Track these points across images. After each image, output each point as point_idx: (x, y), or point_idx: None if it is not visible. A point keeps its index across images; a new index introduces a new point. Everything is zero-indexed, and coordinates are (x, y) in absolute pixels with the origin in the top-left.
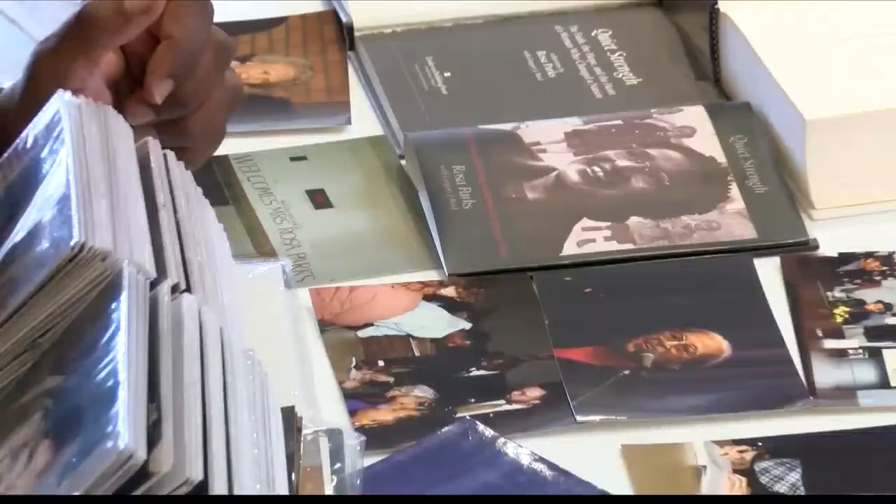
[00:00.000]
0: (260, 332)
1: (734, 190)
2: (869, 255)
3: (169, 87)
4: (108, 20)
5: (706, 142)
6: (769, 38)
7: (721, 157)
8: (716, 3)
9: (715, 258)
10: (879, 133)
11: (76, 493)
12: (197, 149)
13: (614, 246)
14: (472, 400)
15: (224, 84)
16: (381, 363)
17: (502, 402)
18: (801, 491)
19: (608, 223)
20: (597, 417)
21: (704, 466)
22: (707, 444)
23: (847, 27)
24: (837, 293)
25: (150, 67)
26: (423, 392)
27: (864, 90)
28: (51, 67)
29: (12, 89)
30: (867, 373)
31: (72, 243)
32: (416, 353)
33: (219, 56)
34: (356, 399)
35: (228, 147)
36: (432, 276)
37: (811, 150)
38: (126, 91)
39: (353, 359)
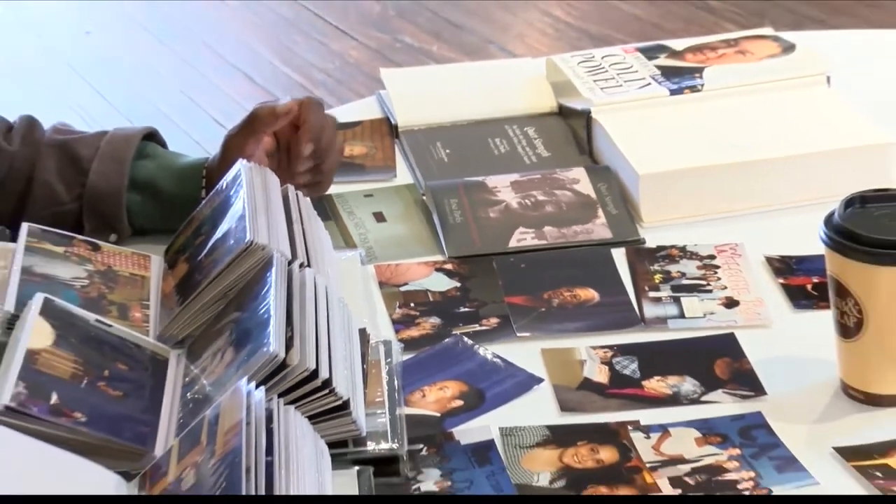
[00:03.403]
0: (347, 289)
1: (600, 212)
2: (672, 246)
3: (310, 150)
4: (266, 117)
5: (585, 187)
6: (620, 130)
7: (593, 195)
8: (590, 113)
9: (590, 249)
10: (681, 181)
11: (246, 377)
12: (319, 185)
13: (537, 242)
14: (461, 324)
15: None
16: (412, 305)
17: (477, 325)
18: (637, 373)
19: (533, 230)
20: (528, 333)
21: (585, 360)
22: (587, 348)
23: (666, 123)
24: (656, 267)
25: (298, 137)
26: (434, 321)
27: (674, 157)
28: (234, 145)
29: (214, 157)
30: (672, 310)
31: (246, 241)
32: (431, 300)
33: (328, 137)
34: (399, 324)
35: (331, 190)
36: (439, 257)
37: (642, 191)
38: (275, 158)
39: (397, 303)
